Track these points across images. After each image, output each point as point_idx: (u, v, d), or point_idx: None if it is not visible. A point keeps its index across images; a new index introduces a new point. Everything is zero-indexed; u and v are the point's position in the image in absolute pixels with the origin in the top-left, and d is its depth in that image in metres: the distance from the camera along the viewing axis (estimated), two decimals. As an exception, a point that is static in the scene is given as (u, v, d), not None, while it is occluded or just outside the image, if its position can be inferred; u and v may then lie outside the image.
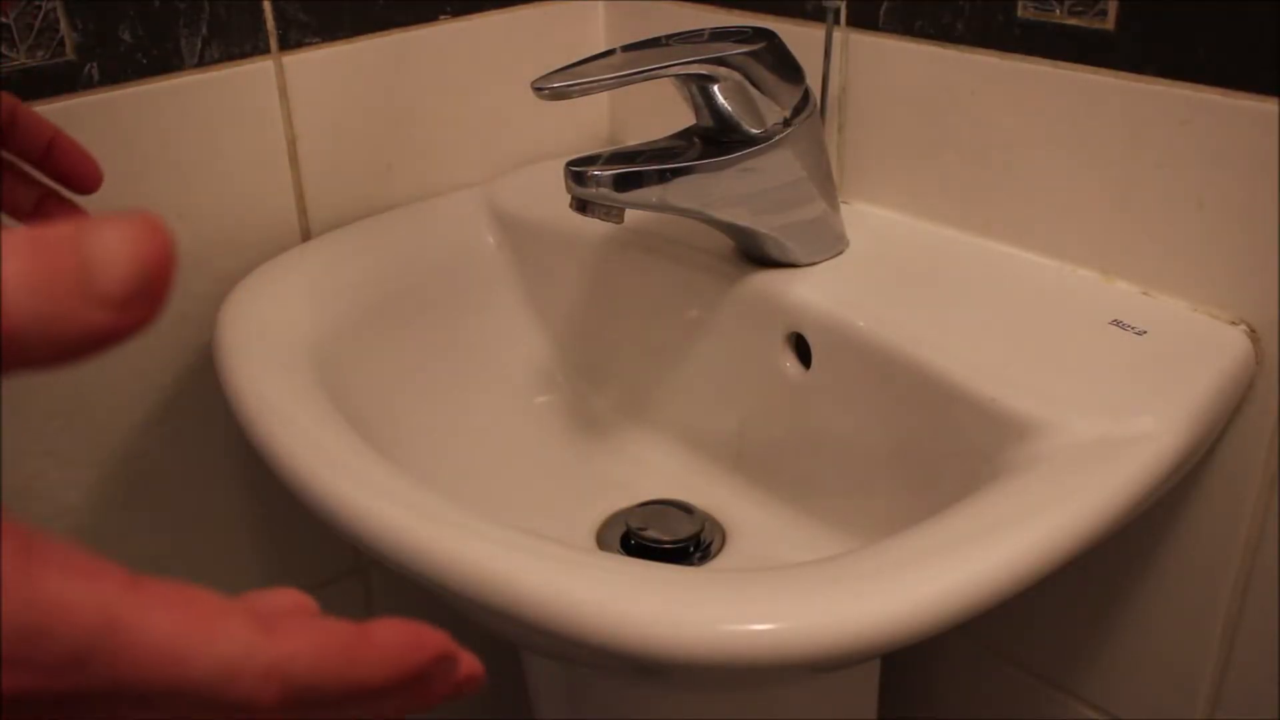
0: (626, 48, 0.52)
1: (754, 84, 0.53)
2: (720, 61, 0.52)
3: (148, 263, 0.16)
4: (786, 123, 0.55)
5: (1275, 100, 0.47)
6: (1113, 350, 0.50)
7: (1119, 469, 0.43)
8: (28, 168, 0.46)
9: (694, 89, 0.54)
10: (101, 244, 0.15)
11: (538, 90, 0.49)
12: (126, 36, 0.58)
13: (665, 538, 0.58)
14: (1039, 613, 0.66)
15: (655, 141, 0.56)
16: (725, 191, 0.55)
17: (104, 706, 0.18)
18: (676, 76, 0.52)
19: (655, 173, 0.52)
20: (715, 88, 0.53)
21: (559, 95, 0.49)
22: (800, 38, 0.55)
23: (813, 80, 0.57)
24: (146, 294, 0.16)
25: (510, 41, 0.72)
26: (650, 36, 0.54)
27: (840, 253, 0.61)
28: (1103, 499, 0.41)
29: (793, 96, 0.55)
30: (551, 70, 0.50)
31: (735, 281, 0.60)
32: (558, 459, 0.66)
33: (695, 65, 0.51)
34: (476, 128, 0.73)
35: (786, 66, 0.54)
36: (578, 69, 0.50)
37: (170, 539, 0.68)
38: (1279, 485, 0.52)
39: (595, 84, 0.50)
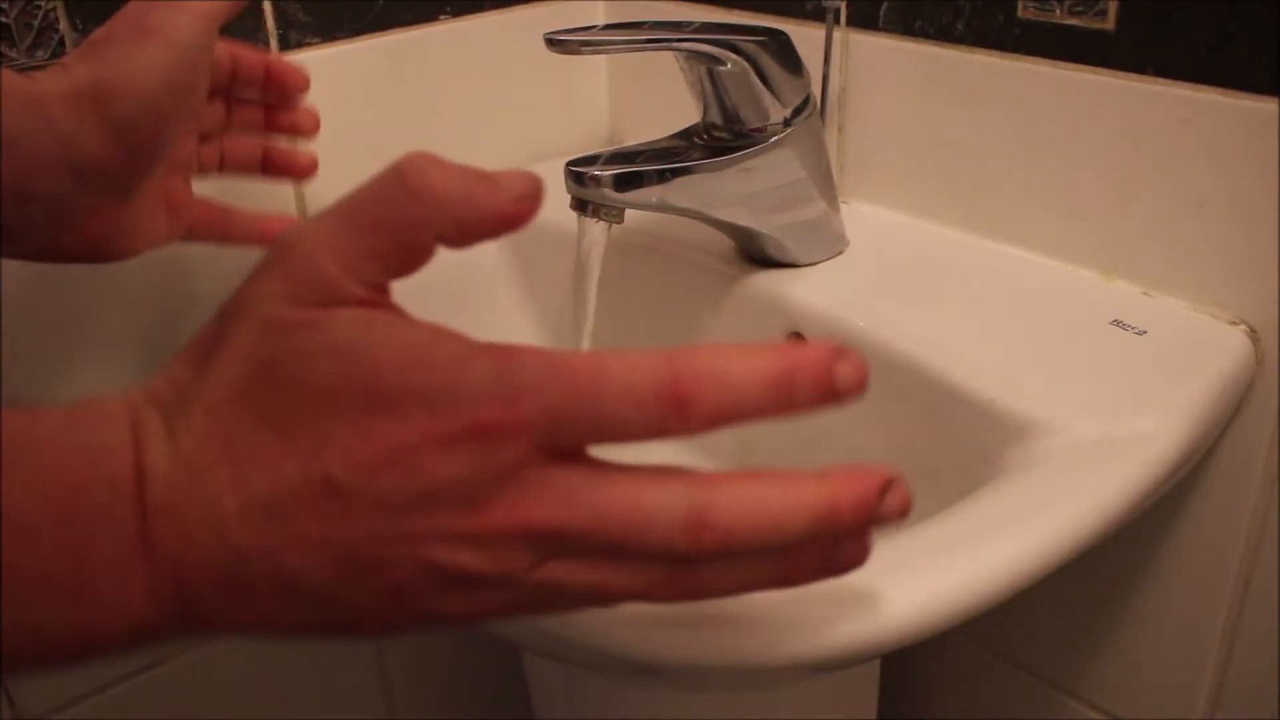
0: (641, 23, 0.52)
1: (761, 75, 0.53)
2: (731, 46, 0.52)
3: (535, 184, 0.30)
4: (787, 123, 0.55)
5: (1275, 100, 0.47)
6: (1113, 350, 0.50)
7: (1119, 469, 0.43)
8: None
9: (702, 72, 0.54)
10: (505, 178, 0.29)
11: (549, 41, 0.49)
12: (126, 36, 0.57)
13: (665, 538, 0.58)
14: (1039, 613, 0.66)
15: (655, 141, 0.56)
16: (725, 191, 0.55)
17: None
18: (687, 53, 0.52)
19: (655, 173, 0.52)
20: (722, 72, 0.53)
21: (569, 50, 0.49)
22: (800, 38, 0.55)
23: (813, 80, 0.57)
24: (533, 198, 0.29)
25: (510, 41, 0.72)
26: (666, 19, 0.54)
27: (840, 253, 0.61)
28: (1103, 499, 0.41)
29: (796, 96, 0.55)
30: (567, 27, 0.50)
31: (735, 281, 0.60)
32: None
33: (707, 45, 0.51)
34: (477, 127, 0.73)
35: (792, 65, 0.54)
36: (592, 30, 0.50)
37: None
38: (1279, 485, 0.52)
39: (607, 44, 0.50)
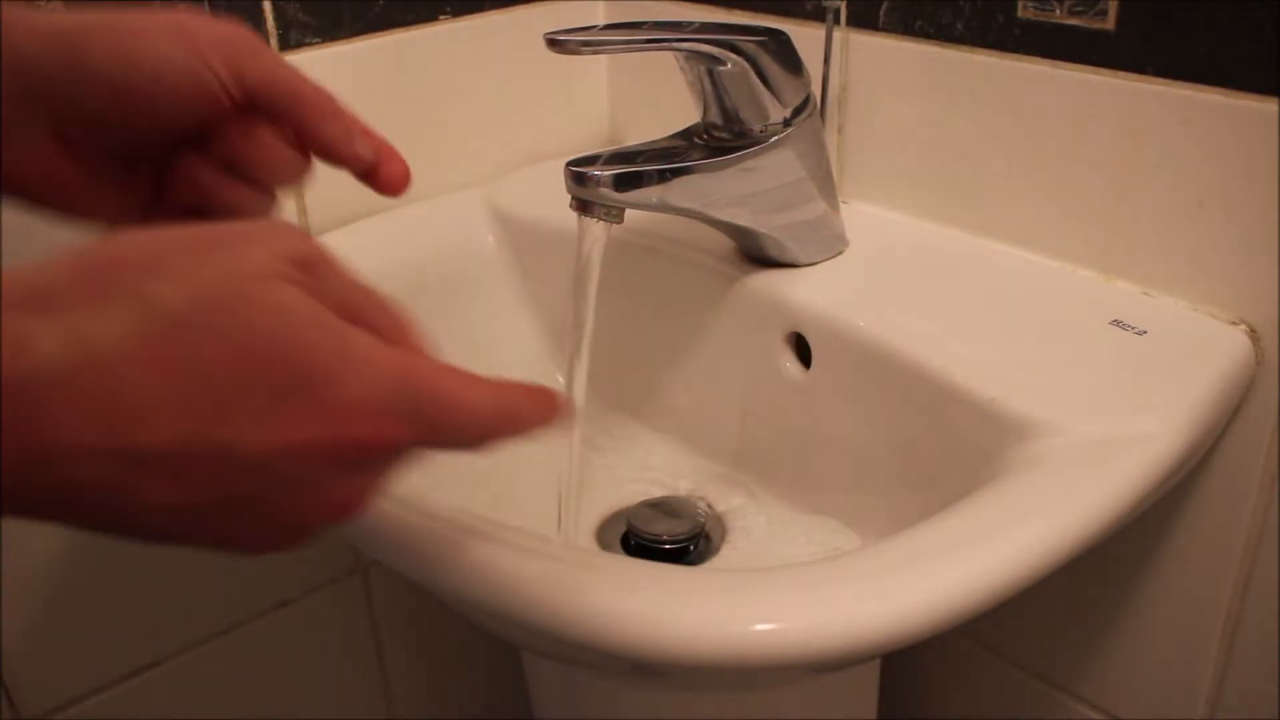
0: (641, 23, 0.53)
1: (760, 75, 0.53)
2: (731, 47, 0.52)
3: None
4: (787, 123, 0.55)
5: (1275, 100, 0.47)
6: (1113, 350, 0.50)
7: (1119, 469, 0.43)
8: None
9: (702, 72, 0.54)
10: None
11: (549, 41, 0.49)
12: (126, 36, 0.58)
13: (665, 537, 0.58)
14: (1039, 613, 0.66)
15: (655, 141, 0.56)
16: (725, 191, 0.55)
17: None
18: (687, 53, 0.52)
19: (655, 173, 0.52)
20: (722, 72, 0.53)
21: (569, 50, 0.49)
22: (800, 38, 0.55)
23: (813, 80, 0.57)
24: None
25: (510, 41, 0.72)
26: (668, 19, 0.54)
27: (840, 253, 0.61)
28: (1103, 499, 0.41)
29: (796, 96, 0.55)
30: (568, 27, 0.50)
31: (735, 281, 0.60)
32: (558, 458, 0.66)
33: (707, 45, 0.51)
34: (476, 128, 0.73)
35: (792, 65, 0.54)
36: (592, 30, 0.50)
37: (170, 539, 0.68)
38: (1279, 485, 0.52)
39: (607, 44, 0.50)
